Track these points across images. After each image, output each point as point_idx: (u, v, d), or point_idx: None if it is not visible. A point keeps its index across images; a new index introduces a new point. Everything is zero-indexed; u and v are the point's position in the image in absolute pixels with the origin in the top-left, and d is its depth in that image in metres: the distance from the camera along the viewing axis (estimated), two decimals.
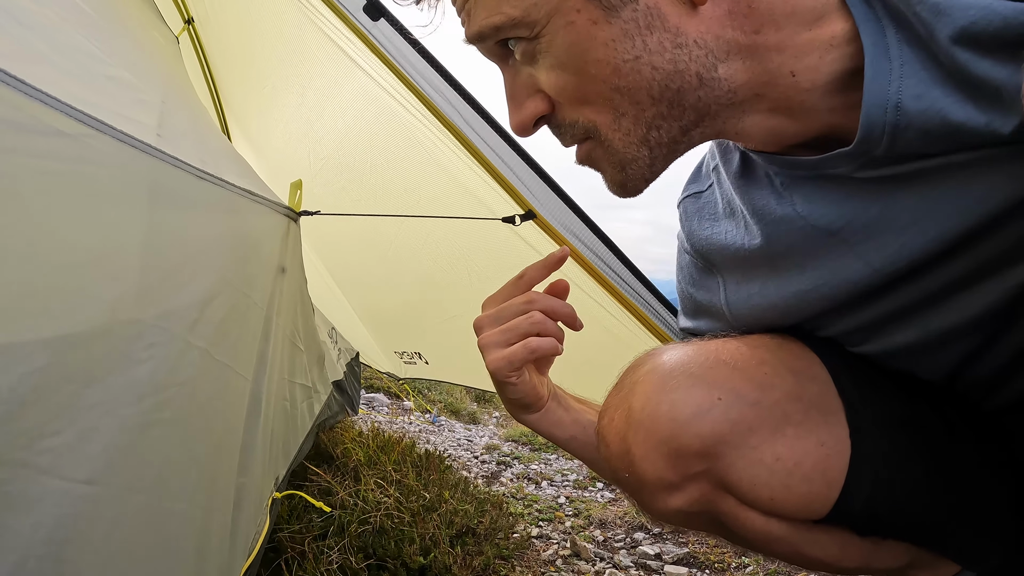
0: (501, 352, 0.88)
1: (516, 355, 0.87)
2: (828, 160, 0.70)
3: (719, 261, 0.92)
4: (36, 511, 0.59)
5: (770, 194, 0.80)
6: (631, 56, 0.67)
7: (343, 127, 2.18)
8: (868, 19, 0.64)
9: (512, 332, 0.88)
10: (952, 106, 0.59)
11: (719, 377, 0.79)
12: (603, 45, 0.66)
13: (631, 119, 0.71)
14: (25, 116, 0.68)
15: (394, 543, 1.77)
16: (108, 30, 1.14)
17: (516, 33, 0.69)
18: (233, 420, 1.15)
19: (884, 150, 0.64)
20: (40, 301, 0.64)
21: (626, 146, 0.72)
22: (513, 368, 0.88)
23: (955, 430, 0.81)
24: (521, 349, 0.87)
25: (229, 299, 1.10)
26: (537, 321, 0.87)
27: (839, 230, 0.73)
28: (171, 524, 0.86)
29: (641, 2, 0.65)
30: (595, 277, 1.76)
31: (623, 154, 0.73)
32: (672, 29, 0.66)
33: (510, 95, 0.76)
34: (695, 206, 0.97)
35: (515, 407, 0.96)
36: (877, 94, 0.63)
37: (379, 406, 4.57)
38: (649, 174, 0.76)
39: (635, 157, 0.73)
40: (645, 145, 0.72)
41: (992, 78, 0.56)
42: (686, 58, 0.67)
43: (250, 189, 1.33)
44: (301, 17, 1.80)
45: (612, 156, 0.74)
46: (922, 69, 0.61)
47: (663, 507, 0.81)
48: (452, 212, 1.99)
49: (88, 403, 0.67)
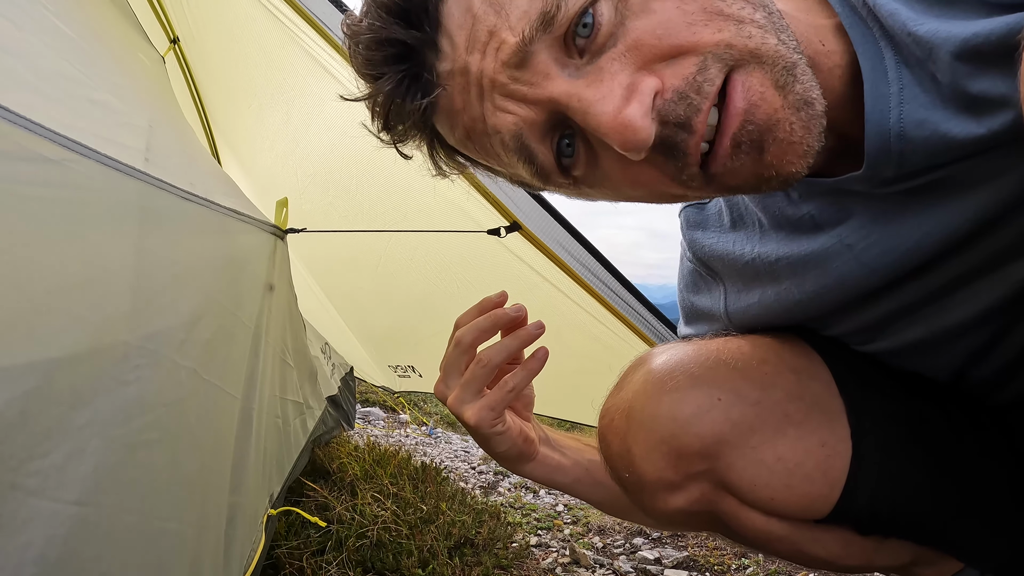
0: (476, 404, 0.83)
1: (496, 401, 0.83)
2: (844, 181, 0.69)
3: (721, 269, 0.92)
4: (26, 532, 0.59)
5: (783, 201, 0.79)
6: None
7: (328, 144, 2.19)
8: (866, 41, 0.63)
9: (474, 382, 0.83)
10: (956, 127, 0.58)
11: (719, 377, 0.79)
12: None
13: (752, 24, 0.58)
14: (8, 143, 0.69)
15: (392, 556, 1.77)
16: (92, 54, 1.15)
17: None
18: (223, 438, 1.15)
19: (893, 173, 0.64)
20: (27, 325, 0.64)
21: (774, 48, 0.58)
22: (498, 413, 0.83)
23: (959, 428, 0.81)
24: (498, 393, 0.83)
25: (216, 319, 1.10)
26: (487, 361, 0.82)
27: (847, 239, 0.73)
28: (162, 543, 0.86)
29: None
30: (583, 287, 1.77)
31: (778, 58, 0.58)
32: None
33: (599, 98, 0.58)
34: (699, 216, 0.96)
35: (509, 460, 0.91)
36: (879, 123, 0.61)
37: (375, 420, 4.56)
38: (814, 83, 0.60)
39: (791, 59, 0.58)
40: (787, 47, 0.59)
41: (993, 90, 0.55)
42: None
43: (237, 208, 1.34)
44: (284, 36, 1.81)
45: (772, 68, 0.58)
46: (922, 92, 0.60)
47: (664, 507, 0.81)
48: (439, 225, 2.01)
49: (77, 424, 0.67)
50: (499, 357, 0.82)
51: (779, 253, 0.80)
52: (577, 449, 0.99)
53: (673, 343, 0.89)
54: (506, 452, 0.89)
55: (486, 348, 0.83)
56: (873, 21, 0.63)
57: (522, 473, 0.94)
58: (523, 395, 0.93)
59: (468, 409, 0.83)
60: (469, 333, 0.83)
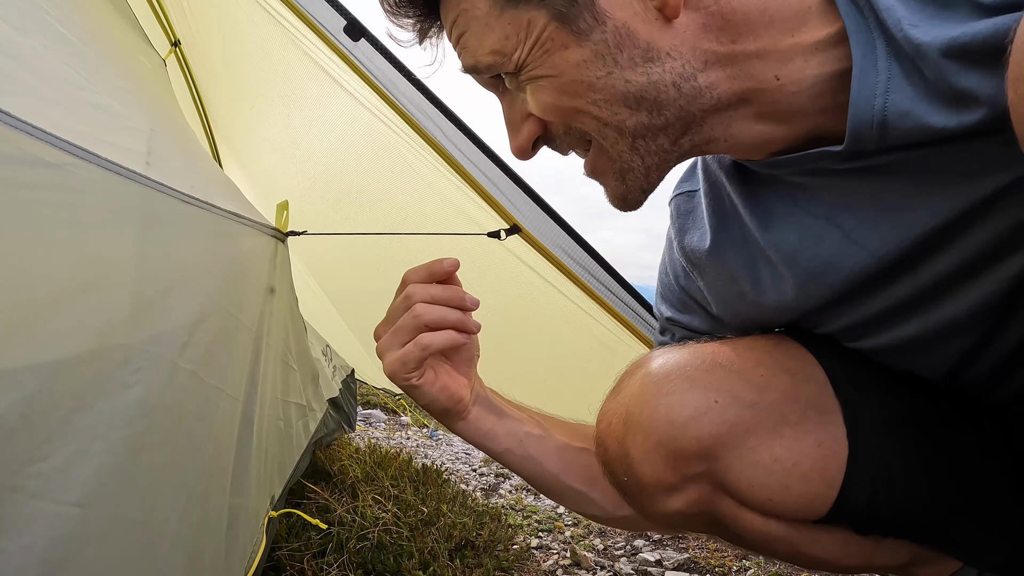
0: (394, 354, 0.86)
1: (409, 355, 0.85)
2: (811, 156, 0.72)
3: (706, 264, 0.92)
4: (28, 533, 0.59)
5: (769, 191, 0.81)
6: (603, 73, 0.71)
7: (329, 146, 2.19)
8: (860, 29, 0.65)
9: (402, 331, 0.86)
10: (939, 120, 0.60)
11: (716, 379, 0.80)
12: (576, 66, 0.71)
13: (614, 129, 0.74)
14: (9, 147, 0.69)
15: (393, 558, 1.77)
16: (93, 57, 1.15)
17: (501, 68, 0.75)
18: (224, 441, 1.15)
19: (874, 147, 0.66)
20: (29, 328, 0.65)
21: (618, 153, 0.76)
22: (409, 368, 0.86)
23: (954, 427, 0.81)
24: (413, 348, 0.85)
25: (218, 322, 1.11)
26: (420, 314, 0.85)
27: (836, 218, 0.74)
28: (162, 545, 0.86)
29: (609, 24, 0.69)
30: (583, 289, 1.77)
31: (620, 161, 0.76)
32: (642, 45, 0.69)
33: (507, 122, 0.82)
34: (687, 205, 0.98)
35: (436, 415, 0.93)
36: (863, 108, 0.64)
37: (376, 422, 4.56)
38: (646, 184, 0.78)
39: (629, 166, 0.76)
40: (636, 153, 0.75)
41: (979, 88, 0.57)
42: (659, 70, 0.70)
43: (237, 212, 1.35)
44: (284, 39, 1.82)
45: (612, 164, 0.77)
46: (909, 85, 0.62)
47: (663, 509, 0.82)
48: (439, 228, 2.01)
49: (78, 427, 0.68)
50: (431, 315, 0.86)
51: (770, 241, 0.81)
52: (518, 419, 0.99)
53: (669, 347, 0.89)
54: (429, 405, 0.91)
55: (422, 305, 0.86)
56: (869, 12, 0.64)
57: (454, 431, 0.96)
58: (464, 351, 0.95)
59: (387, 357, 0.87)
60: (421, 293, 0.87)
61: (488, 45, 0.74)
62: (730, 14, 0.69)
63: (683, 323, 1.04)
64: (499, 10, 0.71)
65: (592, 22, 0.69)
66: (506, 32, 0.72)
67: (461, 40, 0.76)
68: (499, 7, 0.71)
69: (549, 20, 0.70)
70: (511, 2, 0.71)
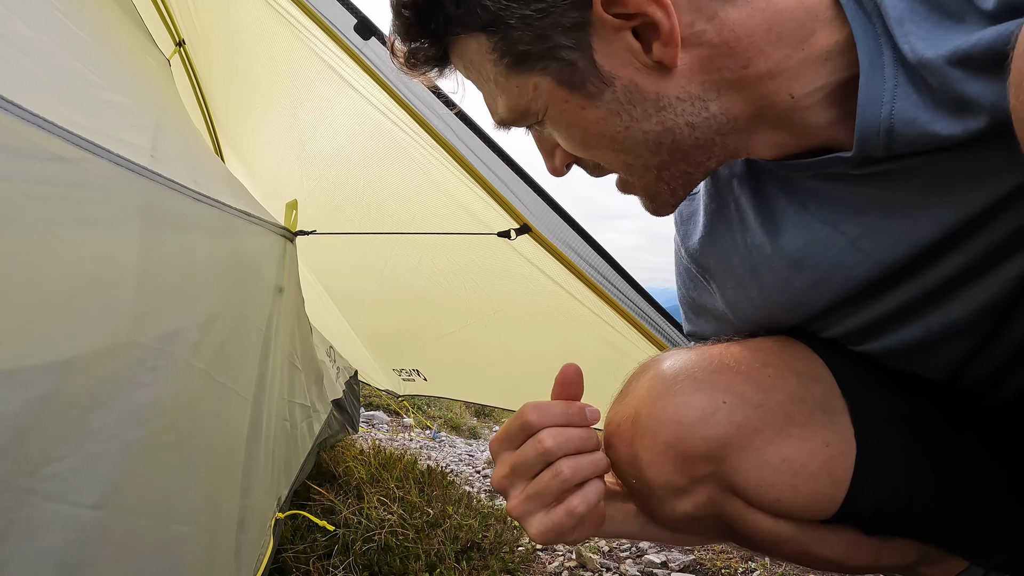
0: (543, 523, 0.74)
1: (562, 524, 0.73)
2: (826, 161, 0.72)
3: (713, 265, 0.92)
4: (45, 537, 0.58)
5: (779, 193, 0.81)
6: (622, 127, 0.73)
7: (336, 146, 2.19)
8: (867, 34, 0.64)
9: (545, 496, 0.74)
10: (944, 127, 0.60)
11: (723, 381, 0.80)
12: (595, 123, 0.74)
13: (639, 168, 0.78)
14: (23, 142, 0.69)
15: (399, 560, 1.76)
16: (102, 55, 1.15)
17: (526, 122, 0.79)
18: (235, 442, 1.15)
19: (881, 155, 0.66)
20: (43, 326, 0.64)
21: (645, 185, 0.80)
22: (566, 536, 0.75)
23: (959, 426, 0.82)
24: (565, 517, 0.73)
25: (229, 321, 1.10)
26: (567, 478, 0.73)
27: (842, 225, 0.74)
28: (175, 547, 0.85)
29: (618, 84, 0.71)
30: (592, 288, 1.76)
31: (647, 189, 0.81)
32: (652, 97, 0.71)
33: (540, 147, 0.87)
34: (688, 209, 0.98)
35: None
36: (871, 116, 0.64)
37: (379, 424, 4.55)
38: (674, 200, 0.83)
39: (657, 191, 0.81)
40: (662, 182, 0.79)
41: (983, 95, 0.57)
42: (672, 115, 0.72)
43: (246, 210, 1.34)
44: (292, 38, 1.81)
45: (641, 190, 0.82)
46: (915, 92, 0.62)
47: (672, 512, 0.82)
48: (447, 228, 2.00)
49: (93, 428, 0.67)
50: (579, 476, 0.74)
51: (776, 245, 0.81)
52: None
53: (676, 349, 0.90)
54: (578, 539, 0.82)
55: (565, 458, 0.73)
56: (877, 17, 0.64)
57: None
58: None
59: (533, 526, 0.75)
60: (557, 444, 0.73)
61: (504, 104, 0.77)
62: (734, 41, 0.68)
63: (697, 333, 1.05)
64: (504, 77, 0.75)
65: (600, 84, 0.71)
66: (515, 94, 0.76)
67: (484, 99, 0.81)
68: (504, 74, 0.74)
69: (556, 85, 0.73)
70: (513, 69, 0.73)
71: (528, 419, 0.74)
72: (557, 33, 0.69)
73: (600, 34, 0.69)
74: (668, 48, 0.67)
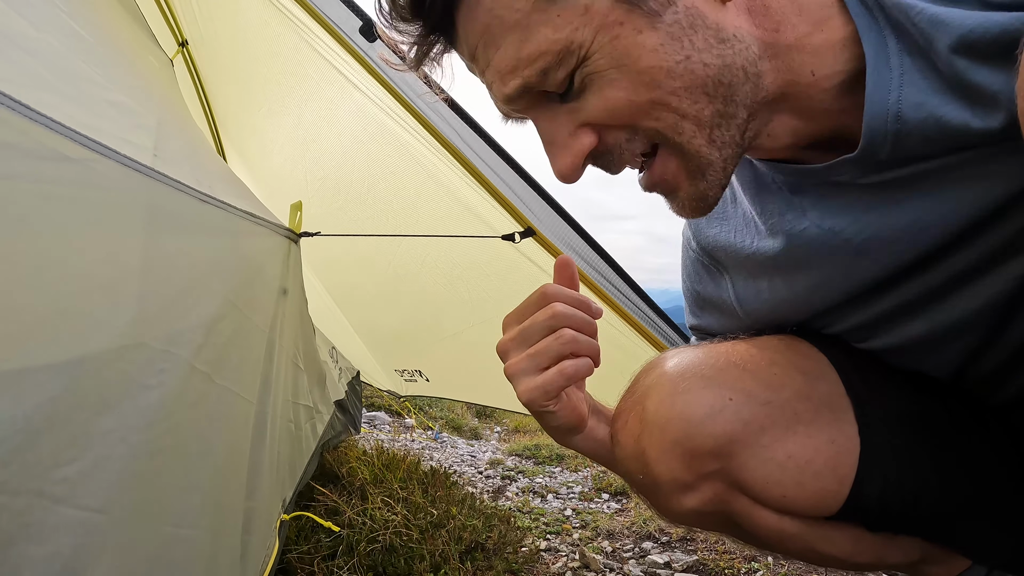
0: (533, 381, 0.78)
1: (551, 383, 0.77)
2: (834, 167, 0.72)
3: (725, 259, 0.93)
4: (53, 540, 0.58)
5: (781, 199, 0.81)
6: (682, 56, 0.65)
7: (340, 148, 2.18)
8: (870, 28, 0.66)
9: (543, 356, 0.78)
10: (951, 112, 0.61)
11: (730, 378, 0.80)
12: (652, 51, 0.65)
13: (692, 121, 0.68)
14: (31, 141, 0.68)
15: (404, 561, 1.76)
16: (106, 55, 1.15)
17: (561, 70, 0.67)
18: (239, 444, 1.14)
19: (887, 155, 0.66)
20: (51, 327, 0.64)
21: (696, 149, 0.69)
22: (549, 397, 0.79)
23: (963, 425, 0.82)
24: (556, 376, 0.77)
25: (233, 322, 1.10)
26: (568, 340, 0.77)
27: (847, 232, 0.75)
28: (181, 549, 0.85)
29: (680, 4, 0.65)
30: (594, 290, 1.76)
31: (698, 157, 0.70)
32: (713, 25, 0.66)
33: (550, 140, 0.73)
34: None
35: (558, 433, 0.88)
36: (878, 104, 0.65)
37: (381, 424, 4.55)
38: (724, 178, 0.72)
39: (709, 159, 0.70)
40: (714, 146, 0.70)
41: (989, 83, 0.58)
42: (731, 52, 0.67)
43: (250, 211, 1.33)
44: (297, 39, 1.81)
45: (688, 162, 0.71)
46: (922, 78, 0.63)
47: (678, 508, 0.82)
48: (451, 230, 2.00)
49: (102, 430, 0.67)
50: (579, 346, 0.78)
51: (779, 247, 0.81)
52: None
53: (683, 347, 0.91)
54: (556, 428, 0.85)
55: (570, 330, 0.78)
56: (879, 11, 0.65)
57: (567, 445, 0.90)
58: None
59: (523, 383, 0.79)
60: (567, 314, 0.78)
61: (534, 50, 0.66)
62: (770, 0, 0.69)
63: (702, 327, 1.05)
64: (544, 4, 0.65)
65: (664, 1, 0.64)
66: (557, 25, 0.65)
67: (495, 61, 0.69)
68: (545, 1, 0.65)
69: (612, 3, 0.64)
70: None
71: (546, 291, 0.80)
72: None
73: None
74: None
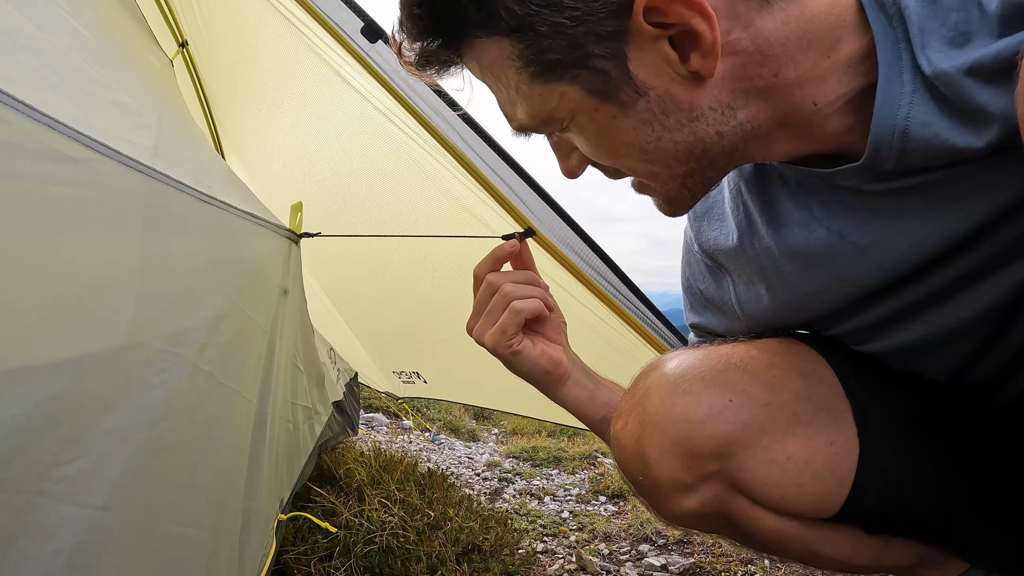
0: (492, 328, 0.93)
1: (507, 322, 0.92)
2: (839, 173, 0.72)
3: (726, 262, 0.93)
4: (55, 539, 0.58)
5: (786, 197, 0.82)
6: (653, 137, 0.72)
7: (339, 149, 2.18)
8: (887, 38, 0.65)
9: (495, 309, 0.93)
10: (956, 136, 0.61)
11: (730, 380, 0.81)
12: (626, 132, 0.72)
13: (664, 178, 0.77)
14: (33, 141, 0.68)
15: (400, 562, 1.76)
16: (107, 55, 1.15)
17: (548, 129, 0.77)
18: (240, 443, 1.15)
19: (891, 168, 0.67)
20: (53, 326, 0.64)
21: (667, 191, 0.79)
22: (509, 336, 0.92)
23: (962, 428, 0.83)
24: (508, 315, 0.92)
25: (235, 322, 1.10)
26: (509, 292, 0.93)
27: (850, 235, 0.75)
28: (182, 548, 0.85)
29: (652, 94, 0.69)
30: (594, 292, 1.76)
31: (666, 196, 0.80)
32: (685, 107, 0.70)
33: (554, 148, 0.84)
34: (703, 205, 0.99)
35: (538, 382, 0.98)
36: (887, 117, 0.64)
37: (378, 426, 4.54)
38: (693, 203, 0.82)
39: (678, 197, 0.80)
40: (684, 188, 0.78)
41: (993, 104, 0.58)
42: (704, 125, 0.71)
43: (251, 212, 1.34)
44: (297, 40, 1.81)
45: (664, 196, 0.81)
46: (931, 99, 0.62)
47: (677, 509, 0.83)
48: (450, 231, 2.00)
49: (103, 429, 0.67)
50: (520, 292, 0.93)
51: (782, 248, 0.82)
52: (613, 389, 1.02)
53: (683, 349, 0.91)
54: (530, 372, 0.96)
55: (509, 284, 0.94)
56: (899, 22, 0.64)
57: (556, 399, 1.00)
58: (552, 322, 1.01)
59: (486, 335, 0.94)
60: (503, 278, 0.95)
61: (525, 111, 0.75)
62: (768, 48, 0.67)
63: (703, 325, 1.06)
64: (527, 85, 0.72)
65: (634, 94, 0.69)
66: (539, 103, 0.73)
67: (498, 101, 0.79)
68: (527, 81, 0.71)
69: (586, 95, 0.70)
70: (539, 78, 0.71)
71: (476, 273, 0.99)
72: (591, 42, 0.66)
73: (636, 43, 0.66)
74: (708, 60, 0.65)
